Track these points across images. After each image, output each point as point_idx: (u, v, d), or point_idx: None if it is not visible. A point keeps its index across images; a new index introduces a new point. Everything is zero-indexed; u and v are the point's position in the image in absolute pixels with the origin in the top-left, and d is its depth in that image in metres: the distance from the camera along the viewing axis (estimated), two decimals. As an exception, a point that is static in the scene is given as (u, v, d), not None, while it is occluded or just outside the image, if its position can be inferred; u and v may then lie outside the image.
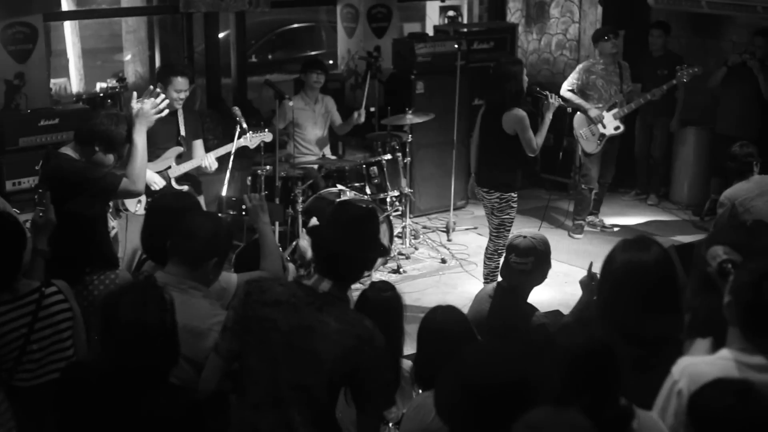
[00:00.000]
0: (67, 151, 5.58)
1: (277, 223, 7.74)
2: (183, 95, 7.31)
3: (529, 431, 2.70)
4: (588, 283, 4.68)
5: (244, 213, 7.09)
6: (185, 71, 7.52)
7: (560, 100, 7.55)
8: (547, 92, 7.61)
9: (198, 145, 7.61)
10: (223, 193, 7.70)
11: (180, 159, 7.44)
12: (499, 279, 5.42)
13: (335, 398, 3.61)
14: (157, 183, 7.21)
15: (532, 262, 5.06)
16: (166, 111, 5.99)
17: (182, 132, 7.44)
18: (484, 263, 7.78)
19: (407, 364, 4.28)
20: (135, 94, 5.88)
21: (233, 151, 7.65)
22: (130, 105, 5.73)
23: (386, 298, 4.22)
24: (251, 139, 7.79)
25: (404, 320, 4.25)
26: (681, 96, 10.32)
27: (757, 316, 3.23)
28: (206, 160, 7.45)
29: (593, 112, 9.54)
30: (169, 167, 7.35)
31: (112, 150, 5.55)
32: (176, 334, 3.47)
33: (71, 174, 5.42)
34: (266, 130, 7.94)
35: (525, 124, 7.29)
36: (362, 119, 9.22)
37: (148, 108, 5.74)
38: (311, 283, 3.60)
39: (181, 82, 7.30)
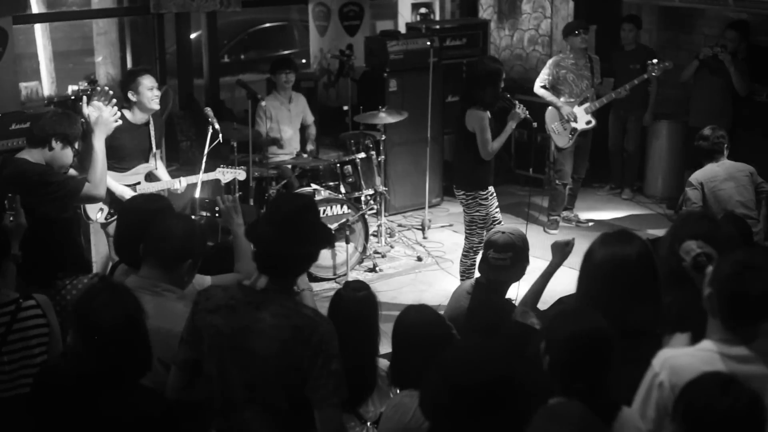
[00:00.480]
0: (24, 155, 5.53)
1: (251, 225, 7.66)
2: (156, 91, 7.18)
3: (549, 422, 2.72)
4: (562, 246, 4.70)
5: (217, 215, 7.03)
6: (147, 68, 7.46)
7: (527, 112, 7.52)
8: (516, 102, 7.60)
9: (156, 155, 7.44)
10: (197, 194, 7.62)
11: (148, 178, 7.34)
12: (477, 275, 5.42)
13: (301, 399, 3.51)
14: (127, 197, 6.97)
15: (510, 258, 5.06)
16: (120, 122, 6.00)
17: (153, 147, 7.33)
18: (461, 261, 7.76)
19: (384, 363, 4.26)
20: (85, 98, 5.83)
21: (203, 165, 7.50)
22: (83, 112, 5.70)
23: (361, 298, 4.19)
24: (225, 174, 7.65)
25: (380, 319, 4.23)
26: (654, 90, 10.35)
27: (741, 306, 3.22)
28: (177, 183, 7.33)
29: (564, 109, 9.55)
30: (138, 183, 7.22)
31: (68, 143, 5.52)
32: (147, 334, 3.45)
33: (32, 176, 5.39)
34: (241, 167, 7.84)
35: (484, 125, 7.28)
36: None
37: (107, 116, 5.71)
38: (251, 282, 3.56)
39: (149, 79, 7.13)
